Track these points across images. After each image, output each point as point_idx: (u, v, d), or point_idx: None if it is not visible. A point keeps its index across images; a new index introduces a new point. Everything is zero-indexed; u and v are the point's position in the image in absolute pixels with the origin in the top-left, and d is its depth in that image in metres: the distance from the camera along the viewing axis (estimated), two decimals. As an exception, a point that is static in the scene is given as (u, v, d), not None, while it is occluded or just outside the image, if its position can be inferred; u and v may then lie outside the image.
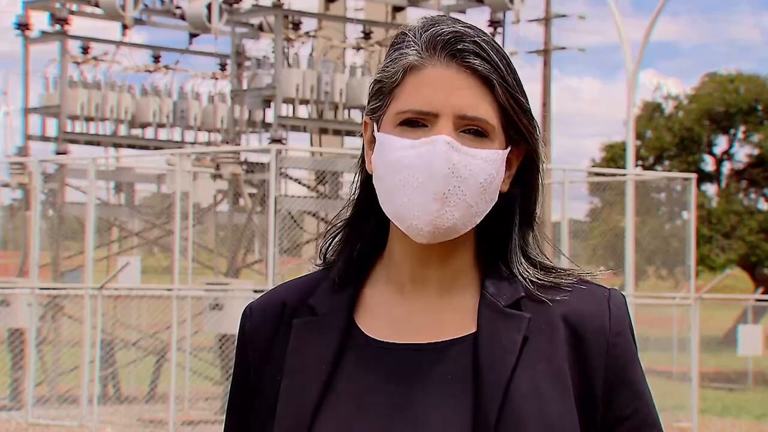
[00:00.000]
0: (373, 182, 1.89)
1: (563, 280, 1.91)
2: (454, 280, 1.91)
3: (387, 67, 1.89)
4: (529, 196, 1.94)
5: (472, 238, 1.92)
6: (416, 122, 1.85)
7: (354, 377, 1.87)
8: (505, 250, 1.93)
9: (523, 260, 1.92)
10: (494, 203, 1.88)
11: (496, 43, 1.88)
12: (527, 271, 1.91)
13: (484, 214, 1.87)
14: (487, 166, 1.84)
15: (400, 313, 1.91)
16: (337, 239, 1.97)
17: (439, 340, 1.87)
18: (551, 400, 1.82)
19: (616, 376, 1.88)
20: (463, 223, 1.84)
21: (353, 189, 1.96)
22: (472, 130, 1.84)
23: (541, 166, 1.93)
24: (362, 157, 1.95)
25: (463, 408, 1.81)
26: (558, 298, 1.89)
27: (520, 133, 1.89)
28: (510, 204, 1.92)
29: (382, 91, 1.90)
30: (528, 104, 1.89)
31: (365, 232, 1.95)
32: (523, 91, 1.89)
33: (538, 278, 1.90)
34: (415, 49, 1.87)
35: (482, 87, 1.85)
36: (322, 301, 1.93)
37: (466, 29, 1.87)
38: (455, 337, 1.87)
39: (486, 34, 1.89)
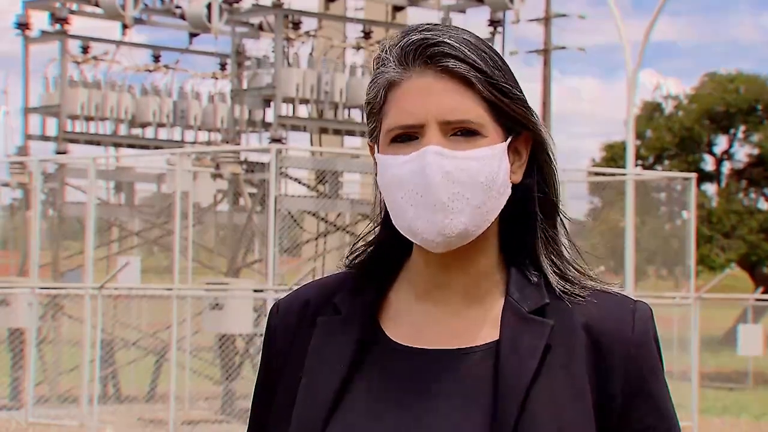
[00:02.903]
0: (385, 201, 1.89)
1: (585, 290, 1.89)
2: (478, 284, 1.89)
3: (371, 88, 1.90)
4: (545, 184, 1.92)
5: (495, 239, 1.90)
6: (407, 136, 1.84)
7: (372, 379, 1.87)
8: (530, 246, 1.91)
9: (549, 258, 1.91)
10: (507, 197, 1.87)
11: (476, 39, 1.86)
12: (552, 274, 1.89)
13: (497, 211, 1.86)
14: (484, 164, 1.82)
15: (423, 318, 1.90)
16: (362, 248, 1.98)
17: (461, 347, 1.87)
18: (569, 409, 1.81)
19: (636, 388, 1.85)
20: (475, 225, 1.83)
21: (376, 207, 1.96)
22: (461, 131, 1.83)
23: (549, 150, 1.92)
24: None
25: (481, 415, 1.81)
26: (582, 305, 1.87)
27: (516, 122, 1.87)
28: (528, 195, 1.91)
29: (373, 112, 1.90)
30: (517, 92, 1.87)
31: (393, 239, 1.94)
32: (512, 80, 1.87)
33: (562, 284, 1.89)
34: (391, 65, 1.86)
35: (462, 86, 1.83)
36: (346, 301, 1.93)
37: (434, 33, 1.85)
38: (477, 344, 1.86)
39: (461, 31, 1.87)
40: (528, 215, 1.91)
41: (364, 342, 1.89)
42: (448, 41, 1.84)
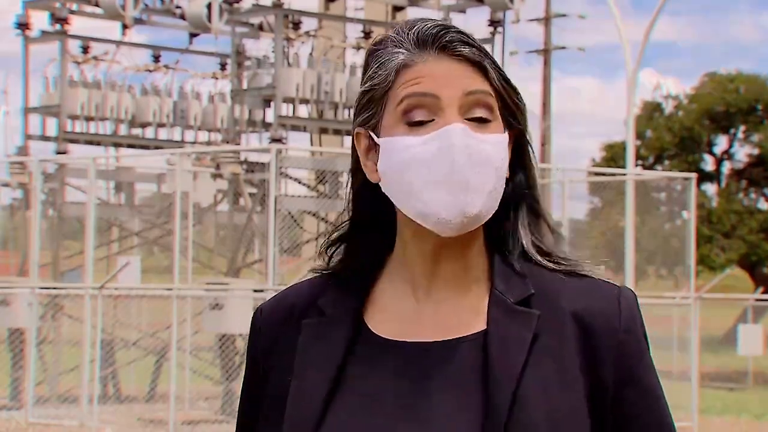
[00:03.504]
0: (384, 189, 1.87)
1: (569, 269, 1.91)
2: (465, 275, 1.90)
3: (376, 73, 1.87)
4: (526, 176, 1.93)
5: (481, 228, 1.91)
6: (420, 122, 1.83)
7: (363, 376, 1.87)
8: (515, 235, 1.92)
9: (530, 245, 1.91)
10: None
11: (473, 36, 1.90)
12: (535, 255, 1.90)
13: (500, 199, 1.87)
14: (498, 150, 1.84)
15: (410, 311, 1.90)
16: (337, 248, 1.97)
17: (449, 338, 1.87)
18: (561, 399, 1.82)
19: (626, 374, 1.87)
20: (487, 209, 1.83)
21: (347, 204, 1.96)
22: (475, 118, 1.84)
23: (530, 143, 1.93)
24: (354, 170, 1.93)
25: (473, 407, 1.81)
26: (568, 294, 1.88)
27: (513, 114, 1.89)
28: (517, 188, 1.92)
29: (374, 98, 1.87)
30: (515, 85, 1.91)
31: (368, 236, 1.95)
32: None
33: (545, 264, 1.90)
34: (405, 48, 1.86)
35: (476, 73, 1.85)
36: (330, 301, 1.93)
37: (447, 23, 1.87)
38: (464, 335, 1.87)
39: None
40: (512, 207, 1.92)
41: (351, 340, 1.89)
42: (462, 31, 1.86)
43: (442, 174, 1.80)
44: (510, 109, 1.88)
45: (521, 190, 1.92)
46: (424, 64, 1.84)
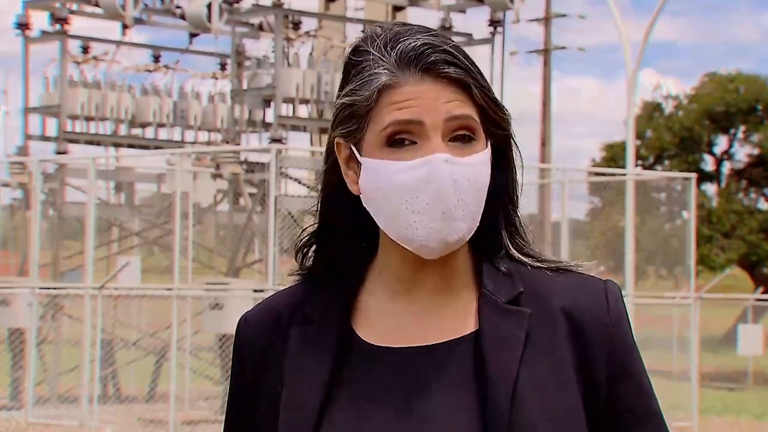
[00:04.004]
0: (365, 204, 1.86)
1: (553, 266, 1.91)
2: (452, 279, 1.89)
3: (358, 90, 1.85)
4: (507, 178, 1.92)
5: None
6: (403, 141, 1.82)
7: (354, 384, 1.86)
8: (494, 237, 1.92)
9: (512, 245, 1.92)
10: None
11: (459, 45, 1.87)
12: (518, 255, 1.90)
13: (481, 213, 1.86)
14: (480, 170, 1.83)
15: (398, 316, 1.89)
16: (312, 250, 1.96)
17: (440, 341, 1.86)
18: (556, 399, 1.82)
19: (618, 369, 1.88)
20: (469, 230, 1.83)
21: (318, 203, 1.95)
22: (459, 136, 1.83)
23: (515, 147, 1.92)
24: (328, 171, 1.92)
25: (469, 408, 1.81)
26: (556, 290, 1.88)
27: (497, 125, 1.88)
28: (498, 192, 1.91)
29: (356, 114, 1.86)
30: (497, 96, 1.89)
31: (348, 239, 1.94)
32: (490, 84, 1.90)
33: (530, 264, 1.90)
34: (385, 68, 1.84)
35: (459, 92, 1.83)
36: (317, 308, 1.91)
37: (431, 38, 1.84)
38: (456, 337, 1.86)
39: (442, 34, 1.88)
40: (492, 208, 1.91)
41: (341, 347, 1.88)
42: (447, 48, 1.84)
43: (426, 203, 1.80)
44: (494, 122, 1.87)
45: (501, 192, 1.91)
46: (407, 86, 1.82)
